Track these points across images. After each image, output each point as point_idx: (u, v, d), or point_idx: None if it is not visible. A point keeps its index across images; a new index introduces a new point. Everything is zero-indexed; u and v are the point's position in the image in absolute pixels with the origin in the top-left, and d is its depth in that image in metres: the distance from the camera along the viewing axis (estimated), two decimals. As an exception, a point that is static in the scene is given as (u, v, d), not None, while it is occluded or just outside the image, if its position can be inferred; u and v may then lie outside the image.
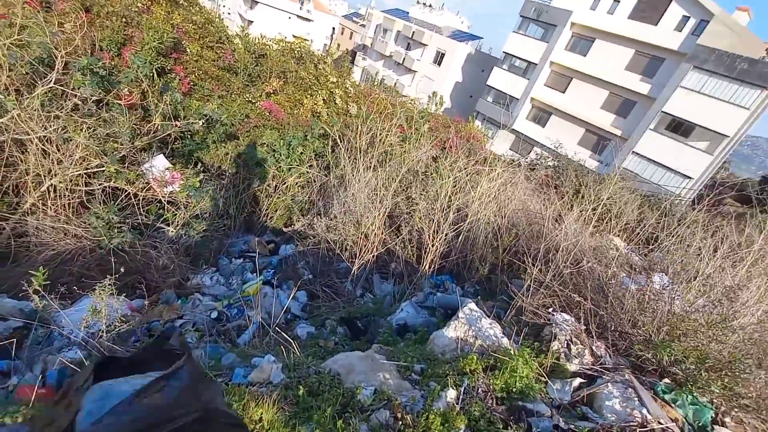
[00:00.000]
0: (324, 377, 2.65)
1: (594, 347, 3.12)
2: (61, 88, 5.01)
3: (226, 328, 4.25)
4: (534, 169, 10.03)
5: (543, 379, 2.76)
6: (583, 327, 3.13)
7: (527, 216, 5.66)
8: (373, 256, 5.14)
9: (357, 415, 2.28)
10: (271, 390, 2.39)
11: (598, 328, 3.25)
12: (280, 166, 7.92)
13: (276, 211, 7.94)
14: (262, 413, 2.03)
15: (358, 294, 5.10)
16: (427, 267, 4.98)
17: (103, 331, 2.89)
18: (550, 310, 3.47)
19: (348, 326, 4.20)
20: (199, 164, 7.29)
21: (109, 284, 2.87)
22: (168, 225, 5.57)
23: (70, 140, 4.61)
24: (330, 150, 8.19)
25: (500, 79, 28.12)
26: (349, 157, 7.03)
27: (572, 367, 2.90)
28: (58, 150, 4.76)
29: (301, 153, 8.11)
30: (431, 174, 6.72)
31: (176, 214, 5.61)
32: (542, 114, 27.02)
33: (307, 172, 8.00)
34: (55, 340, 3.24)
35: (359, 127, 8.15)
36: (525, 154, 20.58)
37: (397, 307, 4.58)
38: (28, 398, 2.29)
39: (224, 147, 7.90)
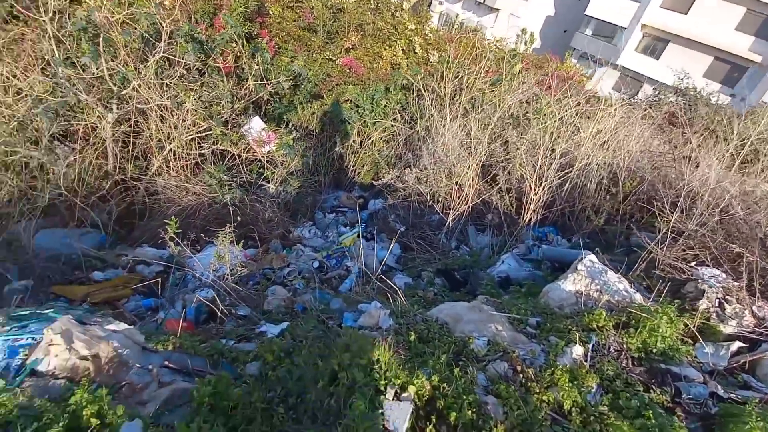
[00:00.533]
0: (432, 325, 2.58)
1: (756, 307, 2.57)
2: (169, 57, 5.41)
3: (328, 276, 4.45)
4: (652, 106, 8.53)
5: (689, 341, 2.35)
6: (744, 283, 2.57)
7: (651, 159, 4.82)
8: (469, 207, 4.88)
9: (473, 364, 2.18)
10: (382, 334, 2.40)
11: (762, 286, 2.66)
12: (364, 122, 7.85)
13: (363, 166, 7.99)
14: (379, 355, 2.02)
15: (452, 246, 4.94)
16: (527, 218, 4.58)
17: (228, 274, 3.17)
18: (693, 263, 2.93)
19: (446, 278, 4.10)
20: (290, 125, 7.57)
21: (228, 233, 3.09)
22: (268, 182, 5.94)
23: (182, 104, 4.99)
24: (414, 101, 7.85)
25: (602, 5, 24.04)
26: (435, 107, 6.65)
27: (727, 329, 2.42)
28: (173, 116, 5.22)
29: (385, 106, 7.91)
30: (530, 117, 6.05)
31: (274, 172, 5.94)
32: (656, 43, 22.72)
33: (392, 125, 7.81)
34: (189, 282, 3.68)
35: (444, 73, 7.62)
36: (632, 93, 17.71)
37: (496, 259, 4.33)
38: (174, 330, 2.62)
39: (310, 107, 8.04)
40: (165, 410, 1.80)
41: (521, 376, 2.10)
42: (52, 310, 2.36)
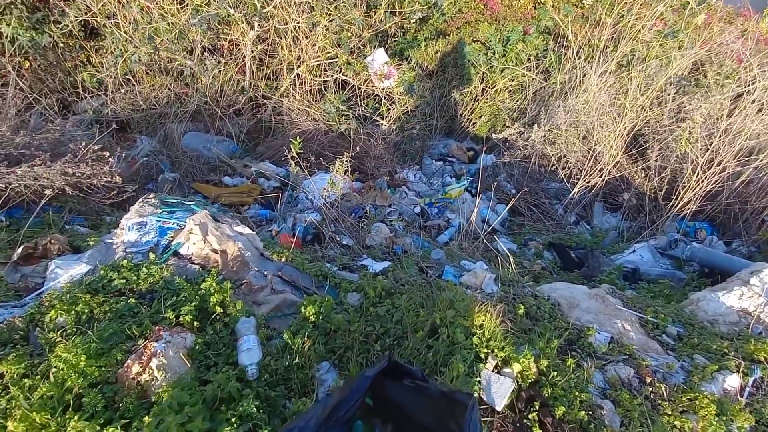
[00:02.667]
0: (543, 302, 2.31)
1: None
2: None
3: (427, 225, 4.34)
4: None
5: None
6: None
7: None
8: (603, 181, 4.19)
9: (589, 359, 1.90)
10: (486, 298, 2.22)
11: None
12: (492, 66, 7.10)
13: (480, 116, 7.39)
14: (483, 320, 1.86)
15: (571, 221, 4.39)
16: (679, 207, 3.77)
17: (338, 201, 3.23)
18: None
19: (558, 253, 3.68)
20: (412, 61, 7.22)
21: (344, 161, 3.09)
22: (382, 119, 5.84)
23: (316, 26, 4.99)
24: (555, 49, 6.79)
25: None
26: (582, 57, 5.65)
27: None
28: (306, 38, 5.29)
29: (520, 51, 7.00)
30: (710, 83, 4.78)
31: (390, 109, 5.80)
32: None
33: (523, 74, 6.94)
34: (300, 202, 3.88)
35: (602, 16, 6.37)
36: None
37: (625, 246, 3.73)
38: (287, 244, 2.78)
39: (434, 45, 7.50)
40: (275, 315, 1.92)
41: (650, 389, 1.77)
42: (194, 203, 2.65)
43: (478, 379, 1.67)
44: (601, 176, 4.18)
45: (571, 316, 2.25)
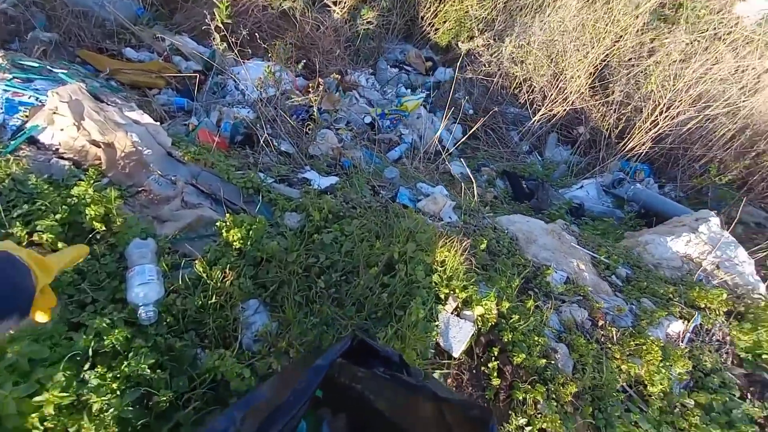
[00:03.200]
0: (503, 236, 2.13)
1: None
2: None
3: (378, 138, 3.89)
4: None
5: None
6: None
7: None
8: (564, 110, 3.99)
9: (546, 300, 1.78)
10: (446, 228, 1.96)
11: None
12: (466, -38, 6.14)
13: (444, 22, 6.58)
14: (446, 256, 1.60)
15: (524, 149, 4.23)
16: (631, 146, 3.75)
17: (277, 97, 2.61)
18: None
19: (511, 183, 3.53)
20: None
21: (286, 47, 2.41)
22: (335, 4, 4.86)
23: None
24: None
25: None
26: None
27: None
28: None
29: (500, -53, 6.08)
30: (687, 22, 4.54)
31: (345, -7, 4.82)
32: None
33: (498, -22, 6.13)
34: (229, 93, 3.14)
35: None
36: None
37: (573, 181, 3.69)
38: (207, 143, 2.19)
39: None
40: (185, 237, 1.47)
41: (601, 333, 1.72)
42: (65, 72, 1.88)
43: (436, 323, 1.45)
44: (564, 106, 3.96)
45: (528, 251, 2.11)
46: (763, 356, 1.83)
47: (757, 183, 3.54)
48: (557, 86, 4.10)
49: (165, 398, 0.98)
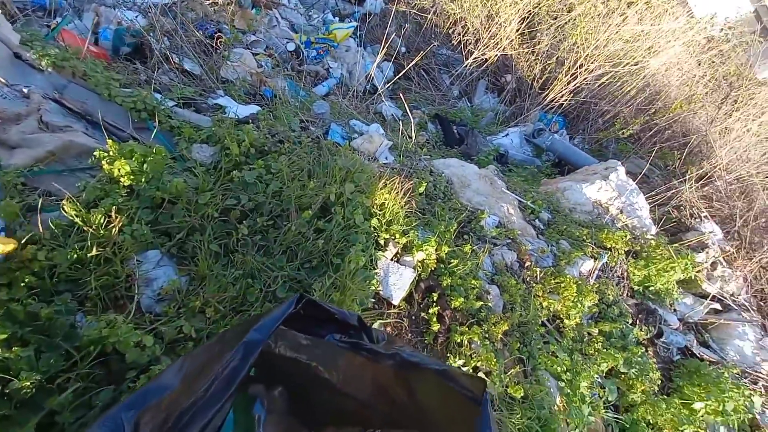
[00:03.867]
0: (440, 180, 2.06)
1: (746, 277, 2.54)
2: None
3: (302, 69, 3.46)
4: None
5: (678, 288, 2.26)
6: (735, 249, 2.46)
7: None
8: (496, 56, 3.94)
9: (481, 244, 1.79)
10: (382, 169, 1.81)
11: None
12: None
13: (376, -57, 5.94)
14: (386, 199, 1.47)
15: (455, 94, 4.16)
16: (552, 97, 3.90)
17: (177, 4, 2.08)
18: (703, 215, 2.72)
19: (443, 127, 3.47)
20: None
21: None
22: None
23: None
24: None
25: None
26: None
27: (710, 288, 2.37)
28: None
29: None
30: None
31: None
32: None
33: None
34: (108, -9, 2.44)
35: None
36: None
37: (500, 129, 3.76)
38: (76, 47, 1.66)
39: None
40: (47, 170, 1.10)
41: (527, 273, 1.79)
42: None
43: (375, 271, 1.34)
44: (496, 51, 3.90)
45: (463, 196, 2.09)
46: (650, 288, 2.13)
47: (648, 139, 3.98)
48: (490, 30, 4.00)
49: (29, 382, 0.73)
